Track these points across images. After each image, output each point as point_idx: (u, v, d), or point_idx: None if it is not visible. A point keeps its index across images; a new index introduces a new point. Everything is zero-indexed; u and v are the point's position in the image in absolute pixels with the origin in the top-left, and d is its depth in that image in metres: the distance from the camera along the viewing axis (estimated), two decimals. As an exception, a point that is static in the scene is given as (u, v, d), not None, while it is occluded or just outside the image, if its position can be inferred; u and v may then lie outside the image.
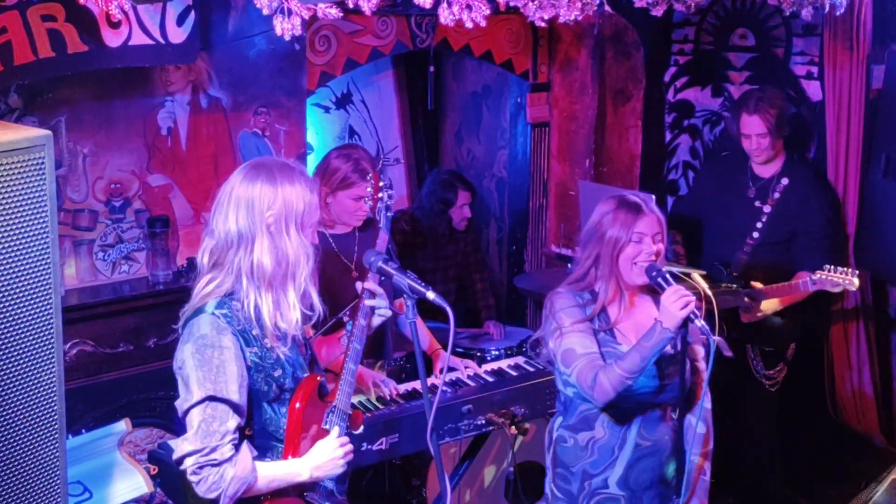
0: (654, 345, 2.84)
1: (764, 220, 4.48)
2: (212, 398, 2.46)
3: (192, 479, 2.48)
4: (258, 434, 2.61)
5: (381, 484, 4.19)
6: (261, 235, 2.52)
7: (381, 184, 3.37)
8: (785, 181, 4.46)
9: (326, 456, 2.64)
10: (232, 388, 2.48)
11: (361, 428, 2.93)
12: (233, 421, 2.48)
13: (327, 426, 2.71)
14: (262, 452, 2.61)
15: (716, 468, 4.79)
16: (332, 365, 3.17)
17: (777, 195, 4.46)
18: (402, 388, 3.85)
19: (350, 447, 2.71)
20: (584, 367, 2.94)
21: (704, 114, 5.42)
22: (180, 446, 2.50)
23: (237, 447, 2.50)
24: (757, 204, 4.50)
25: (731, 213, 4.57)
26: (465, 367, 4.00)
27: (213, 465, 2.46)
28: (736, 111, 4.50)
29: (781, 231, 4.45)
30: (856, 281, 4.09)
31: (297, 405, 2.62)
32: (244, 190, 2.54)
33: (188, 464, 2.48)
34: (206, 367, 2.47)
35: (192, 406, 2.47)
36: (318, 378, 2.72)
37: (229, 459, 2.47)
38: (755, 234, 4.48)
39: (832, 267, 4.12)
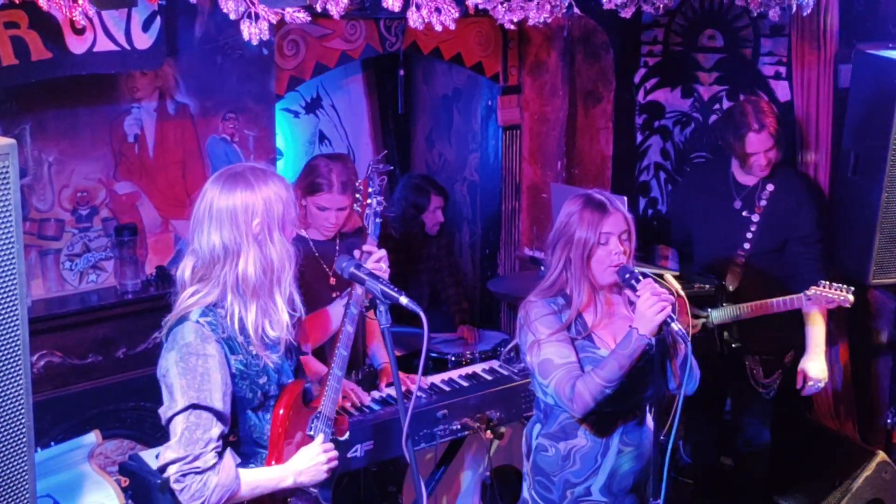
0: (632, 352, 2.81)
1: (753, 230, 4.28)
2: (195, 406, 2.48)
3: (176, 486, 2.48)
4: (243, 441, 2.63)
5: (357, 491, 4.15)
6: (247, 247, 2.53)
7: (369, 190, 3.33)
8: (770, 187, 4.27)
9: (310, 461, 2.66)
10: (216, 396, 2.49)
11: (347, 434, 2.92)
12: (216, 429, 2.49)
13: (312, 432, 2.73)
14: (247, 459, 2.63)
15: (696, 474, 4.84)
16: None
17: (763, 203, 4.26)
18: (376, 394, 3.82)
19: (334, 453, 2.73)
20: (562, 377, 2.91)
21: (675, 115, 5.44)
22: (164, 454, 2.51)
23: (220, 455, 2.51)
24: (745, 214, 4.30)
25: (718, 226, 4.37)
26: (412, 383, 3.81)
27: (197, 473, 2.46)
28: (737, 133, 4.17)
29: (773, 239, 4.27)
30: (850, 297, 3.94)
31: (281, 411, 2.64)
32: (225, 201, 2.53)
33: (171, 471, 2.48)
34: (190, 374, 2.48)
35: (176, 414, 2.49)
36: (303, 384, 2.72)
37: (212, 467, 2.48)
38: (746, 246, 4.29)
39: (828, 283, 3.97)
